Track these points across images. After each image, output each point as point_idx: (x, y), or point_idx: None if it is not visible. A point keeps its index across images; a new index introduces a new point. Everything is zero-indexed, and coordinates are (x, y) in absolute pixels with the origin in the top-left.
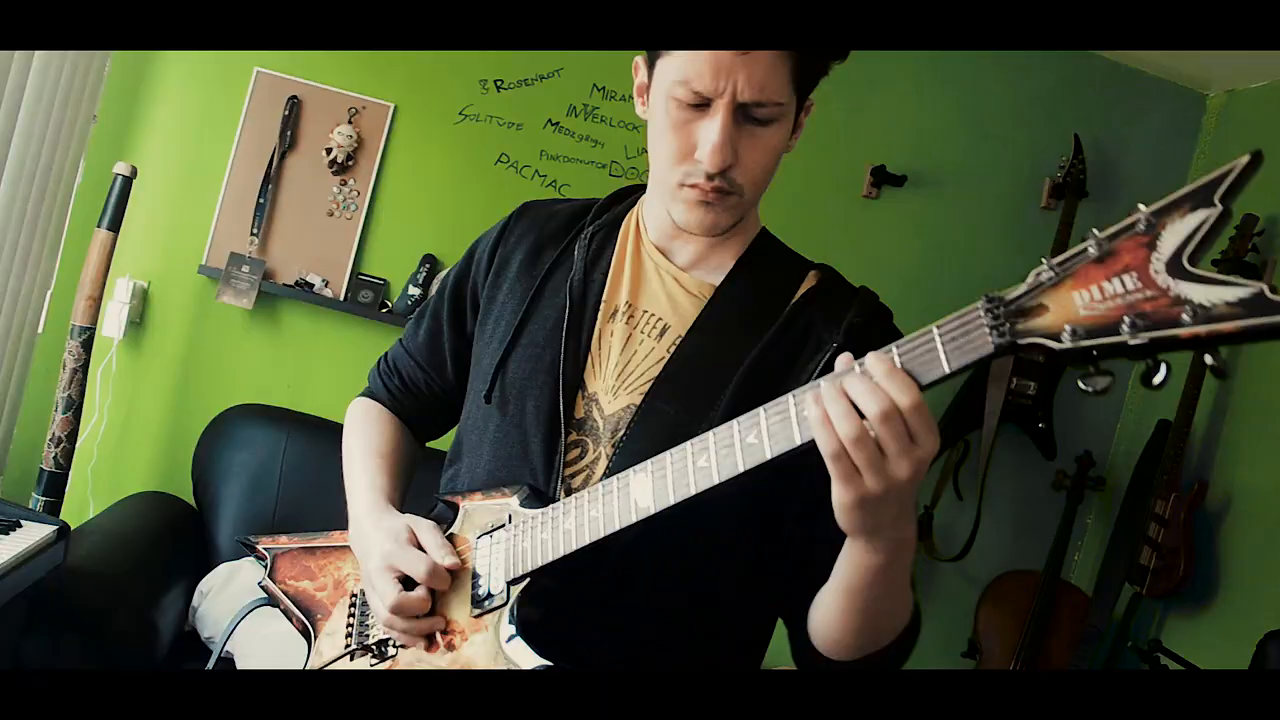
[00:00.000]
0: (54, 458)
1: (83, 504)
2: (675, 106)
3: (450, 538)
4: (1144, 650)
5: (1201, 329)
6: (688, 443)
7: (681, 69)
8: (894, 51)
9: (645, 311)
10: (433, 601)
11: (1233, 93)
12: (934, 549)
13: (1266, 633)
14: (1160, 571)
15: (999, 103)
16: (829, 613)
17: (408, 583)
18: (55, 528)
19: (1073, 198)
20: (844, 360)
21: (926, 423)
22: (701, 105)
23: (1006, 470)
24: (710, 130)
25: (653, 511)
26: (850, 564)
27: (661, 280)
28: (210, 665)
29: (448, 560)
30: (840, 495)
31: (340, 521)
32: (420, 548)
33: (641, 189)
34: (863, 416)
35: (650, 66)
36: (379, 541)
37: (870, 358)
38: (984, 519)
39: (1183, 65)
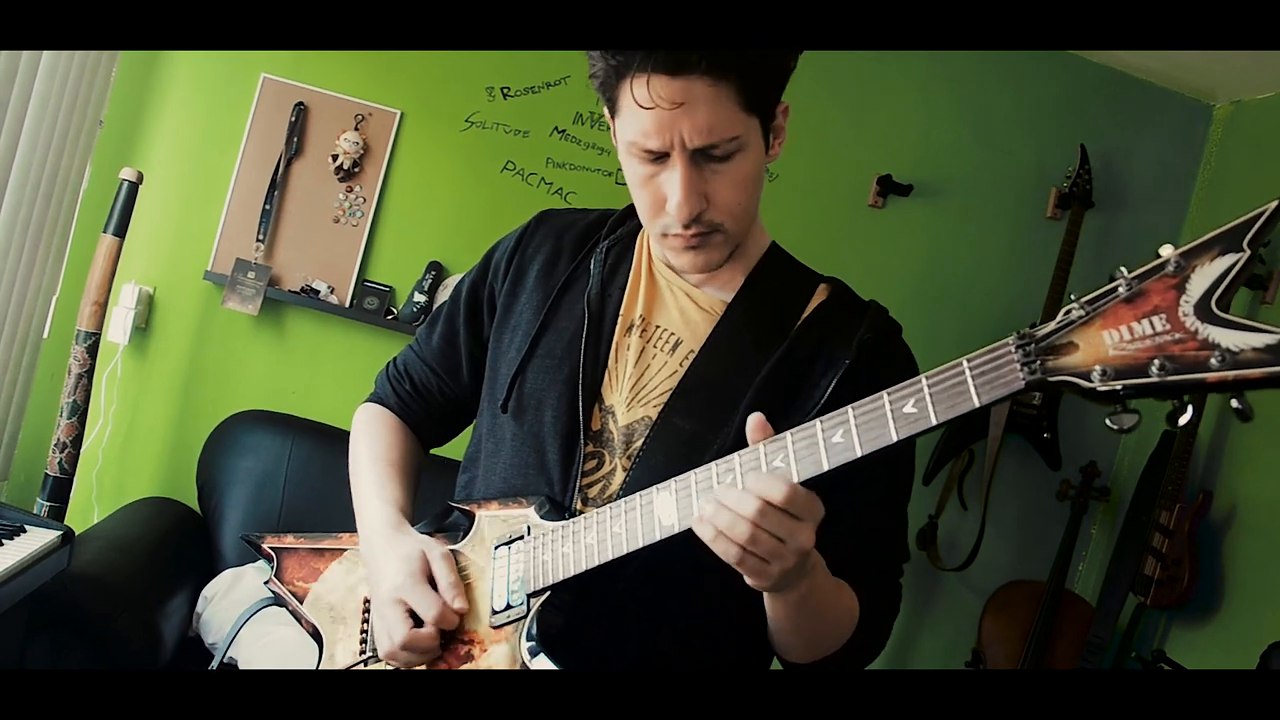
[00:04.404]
0: (59, 463)
1: (87, 509)
2: (637, 163)
3: (463, 549)
4: (1148, 661)
5: (1229, 374)
6: (713, 463)
7: (629, 130)
8: (900, 60)
9: (658, 326)
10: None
11: (1239, 103)
12: (938, 559)
13: (1270, 643)
14: (1164, 582)
15: (1005, 112)
16: (773, 636)
17: (417, 617)
18: (59, 533)
19: (1079, 208)
20: (756, 423)
21: (805, 501)
22: (661, 157)
23: (1011, 480)
24: (672, 184)
25: (677, 530)
26: (771, 607)
27: (674, 296)
28: (212, 669)
29: (458, 603)
30: (757, 584)
31: (346, 526)
32: (432, 580)
33: None
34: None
35: (610, 112)
36: (392, 570)
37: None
38: (988, 529)
39: (1189, 76)
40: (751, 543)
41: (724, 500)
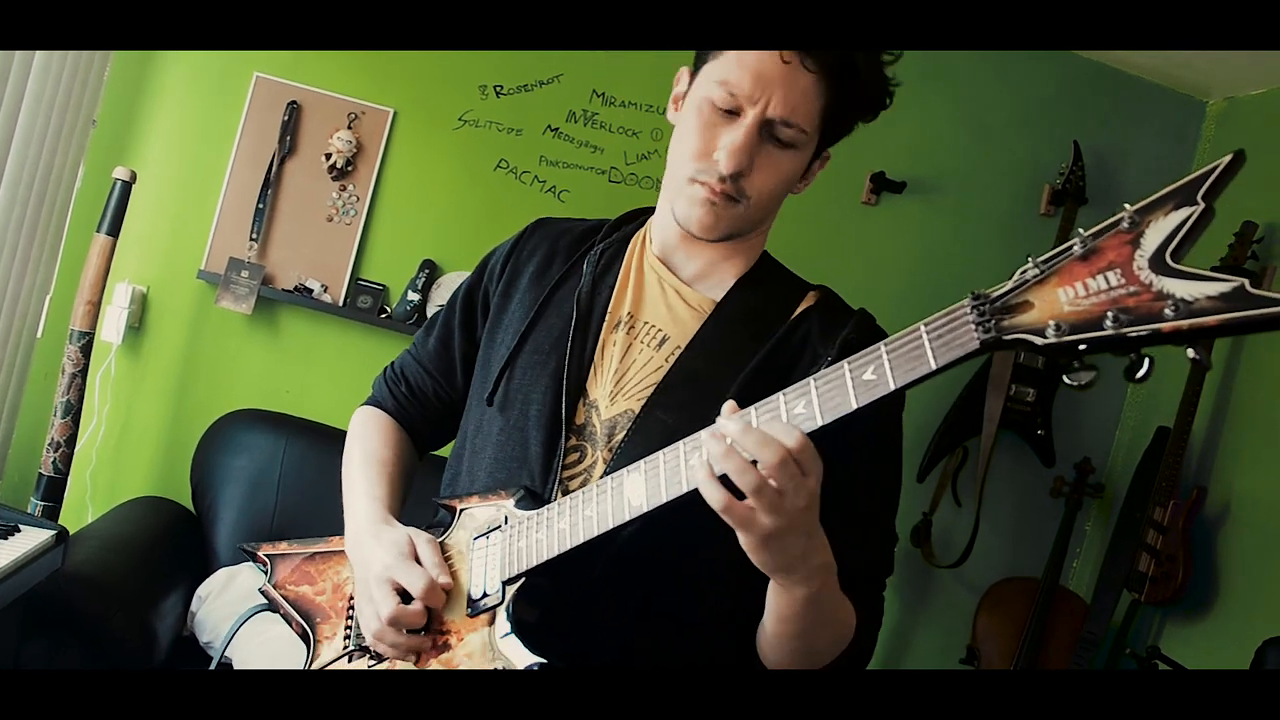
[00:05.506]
0: (53, 462)
1: (81, 509)
2: (710, 107)
3: (445, 541)
4: (1142, 657)
5: (1183, 323)
6: (680, 441)
7: (725, 71)
8: (893, 57)
9: (645, 322)
10: (428, 619)
11: (1232, 100)
12: (932, 555)
13: (1265, 640)
14: (1159, 578)
15: (999, 109)
16: (767, 639)
17: (405, 596)
18: (54, 532)
19: (1072, 204)
20: (729, 409)
21: (812, 454)
22: (732, 113)
23: (1005, 477)
24: (734, 134)
25: (645, 509)
26: (779, 599)
27: (663, 292)
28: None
29: (443, 579)
30: (745, 540)
31: (339, 526)
32: (419, 562)
33: (650, 211)
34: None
35: (695, 73)
36: (380, 554)
37: (755, 415)
38: (982, 525)
39: (1182, 72)
40: (756, 491)
41: (743, 443)
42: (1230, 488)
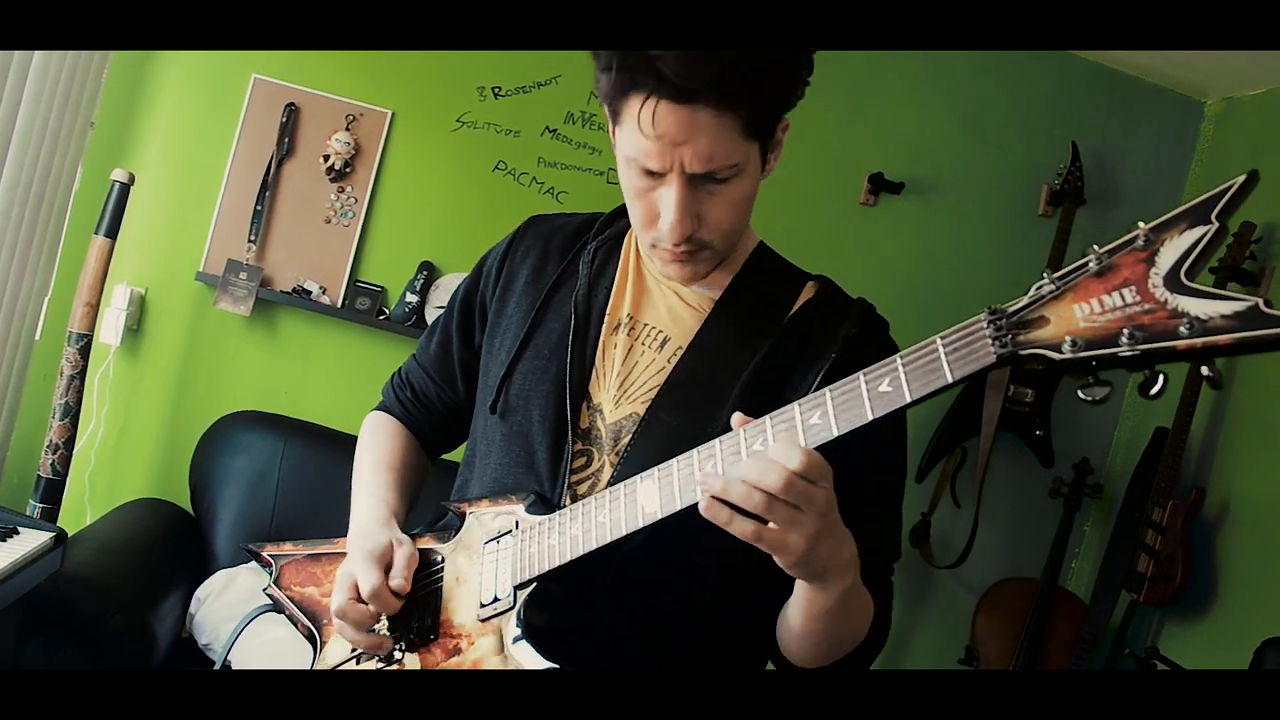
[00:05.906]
0: (51, 464)
1: (80, 511)
2: (635, 176)
3: (450, 549)
4: (1140, 657)
5: (1198, 341)
6: (694, 450)
7: (630, 146)
8: (892, 58)
9: (646, 324)
10: (387, 620)
11: (1230, 100)
12: (931, 556)
13: (1263, 640)
14: (1157, 579)
15: (997, 110)
16: (793, 633)
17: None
18: (52, 534)
19: (1070, 205)
20: (738, 419)
21: (820, 466)
22: (659, 173)
23: (1004, 477)
24: (667, 203)
25: (659, 517)
26: (811, 598)
27: (662, 294)
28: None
29: (396, 583)
30: (784, 561)
31: (339, 527)
32: (389, 568)
33: None
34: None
35: (611, 118)
36: (356, 551)
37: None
38: (981, 526)
39: (1181, 72)
40: (768, 511)
41: (745, 476)
42: (1229, 488)
